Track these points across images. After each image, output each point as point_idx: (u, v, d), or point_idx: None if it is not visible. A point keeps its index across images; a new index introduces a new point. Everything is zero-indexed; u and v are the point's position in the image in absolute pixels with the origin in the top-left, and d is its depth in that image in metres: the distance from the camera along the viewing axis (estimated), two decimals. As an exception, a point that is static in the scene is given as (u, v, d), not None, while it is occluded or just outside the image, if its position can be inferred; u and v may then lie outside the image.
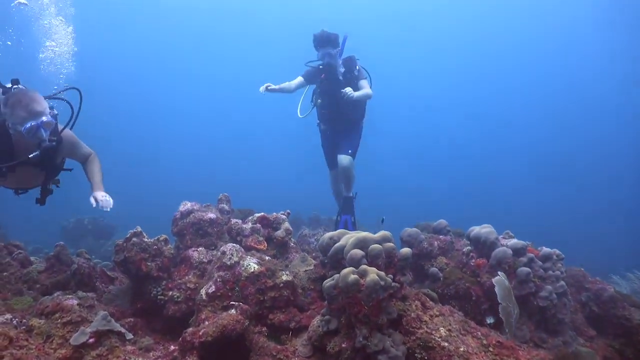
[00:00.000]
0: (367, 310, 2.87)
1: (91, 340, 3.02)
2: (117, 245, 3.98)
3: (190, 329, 3.29)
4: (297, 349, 3.25)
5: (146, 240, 4.00)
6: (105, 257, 10.01)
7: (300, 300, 3.70)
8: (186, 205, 4.90)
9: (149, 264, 3.94)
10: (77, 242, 11.94)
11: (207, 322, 3.27)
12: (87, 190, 3.99)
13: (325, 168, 7.29)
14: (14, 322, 3.11)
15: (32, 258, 5.25)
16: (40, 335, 3.05)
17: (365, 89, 6.47)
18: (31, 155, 3.32)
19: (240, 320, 3.22)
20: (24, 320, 3.16)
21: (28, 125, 3.21)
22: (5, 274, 4.42)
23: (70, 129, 3.86)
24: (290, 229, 4.65)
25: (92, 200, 3.72)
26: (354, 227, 6.54)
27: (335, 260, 3.50)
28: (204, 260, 4.06)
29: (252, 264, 3.54)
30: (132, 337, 3.37)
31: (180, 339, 3.30)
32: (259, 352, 3.23)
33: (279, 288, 3.49)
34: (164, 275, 4.00)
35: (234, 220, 4.69)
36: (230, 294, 3.46)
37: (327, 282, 3.09)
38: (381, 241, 3.23)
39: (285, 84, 6.67)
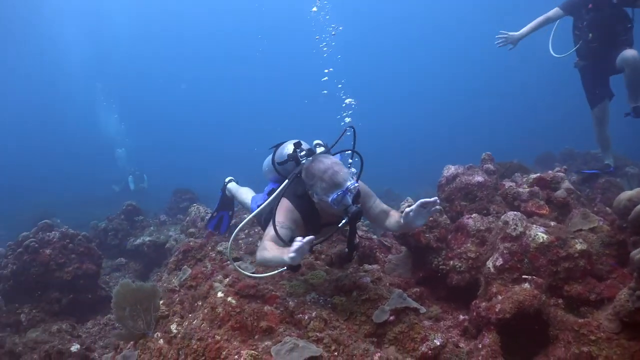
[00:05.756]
0: (698, 286, 2.46)
1: (391, 317, 3.19)
2: (395, 219, 4.11)
3: (484, 303, 3.25)
4: (601, 323, 2.98)
5: (422, 212, 4.04)
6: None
7: (597, 269, 3.37)
8: (450, 170, 4.83)
9: (427, 235, 4.00)
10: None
11: (499, 297, 3.19)
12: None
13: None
14: (320, 301, 3.45)
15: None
16: (343, 312, 3.32)
17: None
18: (341, 224, 3.18)
19: (536, 296, 3.07)
20: (328, 299, 3.48)
21: (335, 195, 3.05)
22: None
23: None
24: (572, 187, 4.25)
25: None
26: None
27: (638, 225, 3.08)
28: (481, 227, 3.94)
29: (539, 234, 3.32)
30: (425, 310, 3.47)
31: (474, 313, 3.30)
32: (558, 326, 3.06)
33: (574, 258, 3.21)
34: (442, 245, 4.02)
35: (507, 184, 4.48)
36: (519, 265, 3.31)
37: (638, 255, 2.73)
38: None
39: (542, 19, 5.89)
